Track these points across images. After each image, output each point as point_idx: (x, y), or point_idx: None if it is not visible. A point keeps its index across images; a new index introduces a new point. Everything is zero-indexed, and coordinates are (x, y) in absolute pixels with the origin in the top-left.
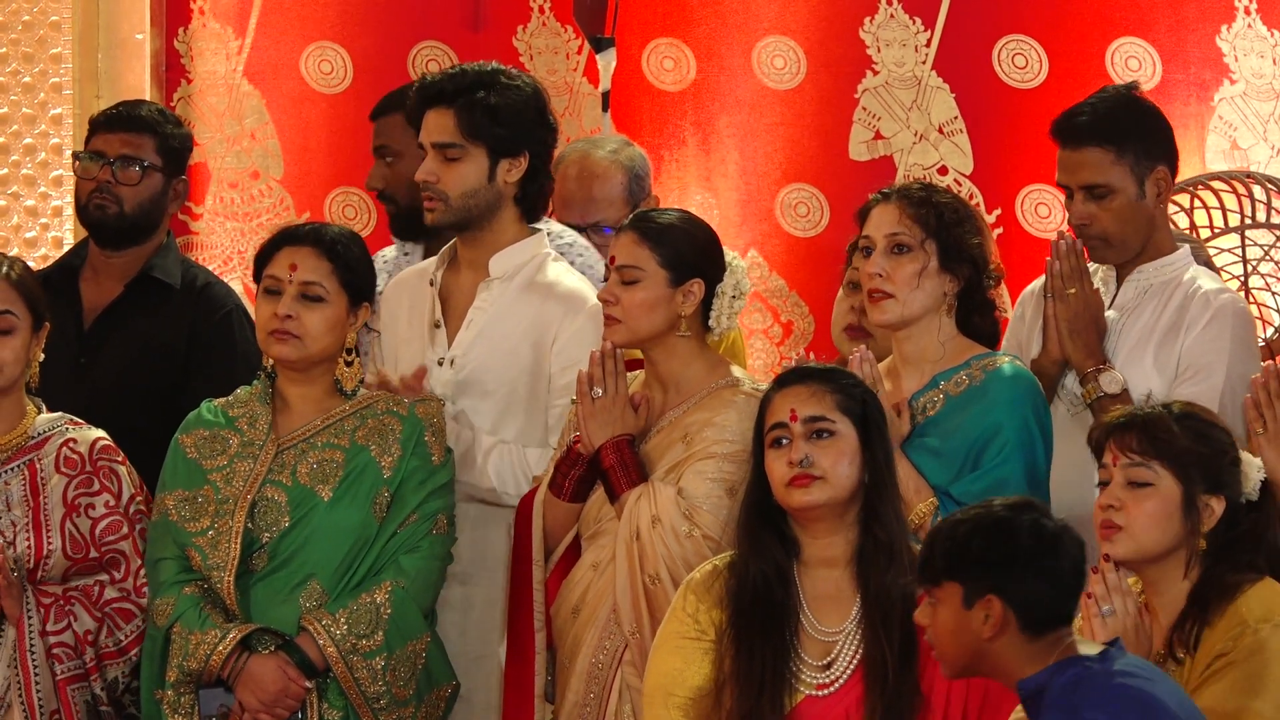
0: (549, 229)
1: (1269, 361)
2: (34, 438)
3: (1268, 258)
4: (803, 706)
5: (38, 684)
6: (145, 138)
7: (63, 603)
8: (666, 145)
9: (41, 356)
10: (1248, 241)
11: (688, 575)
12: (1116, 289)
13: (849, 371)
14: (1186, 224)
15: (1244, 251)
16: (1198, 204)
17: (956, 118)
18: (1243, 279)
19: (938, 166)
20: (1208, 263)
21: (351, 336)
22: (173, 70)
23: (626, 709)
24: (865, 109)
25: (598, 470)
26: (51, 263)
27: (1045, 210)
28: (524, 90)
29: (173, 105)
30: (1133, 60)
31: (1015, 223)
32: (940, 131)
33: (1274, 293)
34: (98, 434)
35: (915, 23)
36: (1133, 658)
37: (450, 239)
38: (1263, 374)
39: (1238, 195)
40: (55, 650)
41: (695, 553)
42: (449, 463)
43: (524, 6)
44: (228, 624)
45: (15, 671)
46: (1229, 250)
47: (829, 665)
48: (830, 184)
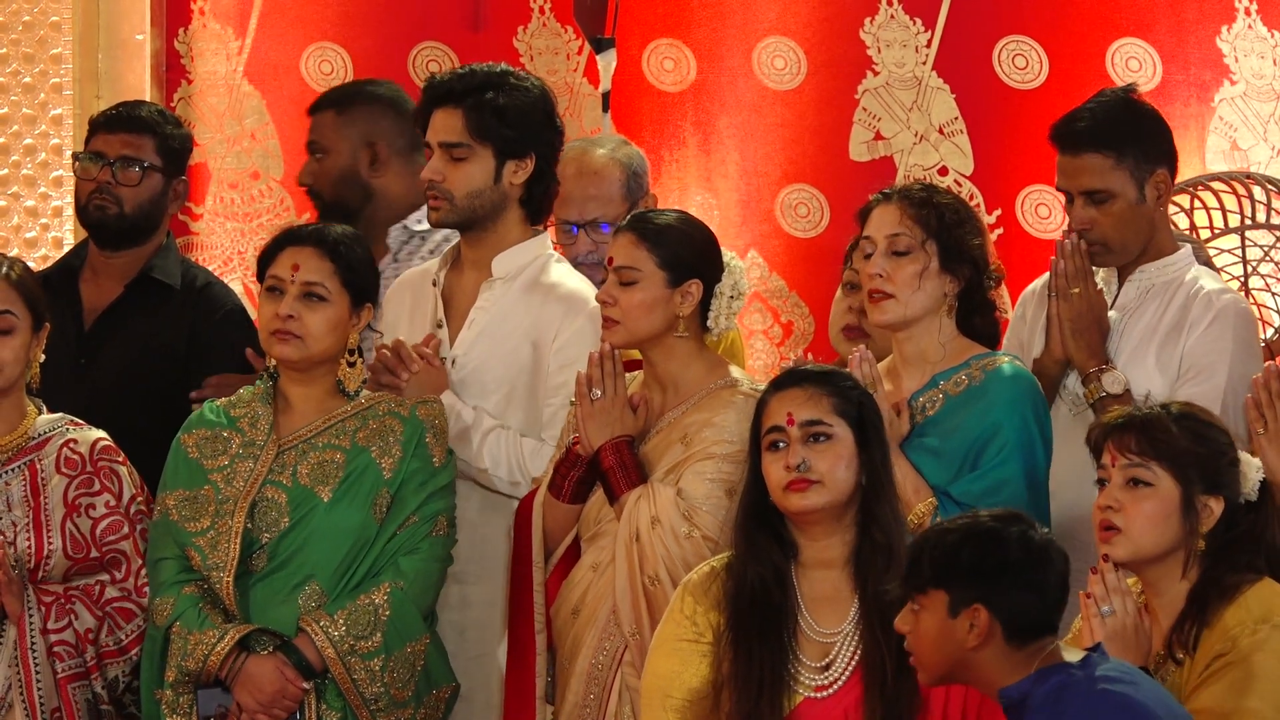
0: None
1: (1269, 361)
2: (35, 438)
3: (1267, 258)
4: (802, 708)
5: (39, 682)
6: (145, 138)
7: (64, 601)
8: (667, 146)
9: (42, 357)
10: (1248, 242)
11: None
12: (1118, 289)
13: (845, 372)
14: (1186, 225)
15: (1244, 252)
16: (1197, 205)
17: (957, 118)
18: (1242, 280)
19: (938, 167)
20: (1208, 263)
21: (354, 337)
22: (173, 71)
23: (626, 710)
24: (865, 110)
25: (597, 471)
26: (51, 264)
27: (1045, 211)
28: (532, 92)
29: (173, 106)
30: (1133, 61)
31: (1015, 223)
32: (940, 132)
33: (1274, 293)
34: (98, 434)
35: (915, 23)
36: (1116, 662)
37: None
38: (1263, 374)
39: (1237, 196)
40: (56, 648)
41: (695, 553)
42: (450, 464)
43: (524, 7)
44: (226, 624)
45: (16, 670)
46: (1229, 251)
47: (827, 667)
48: (830, 185)
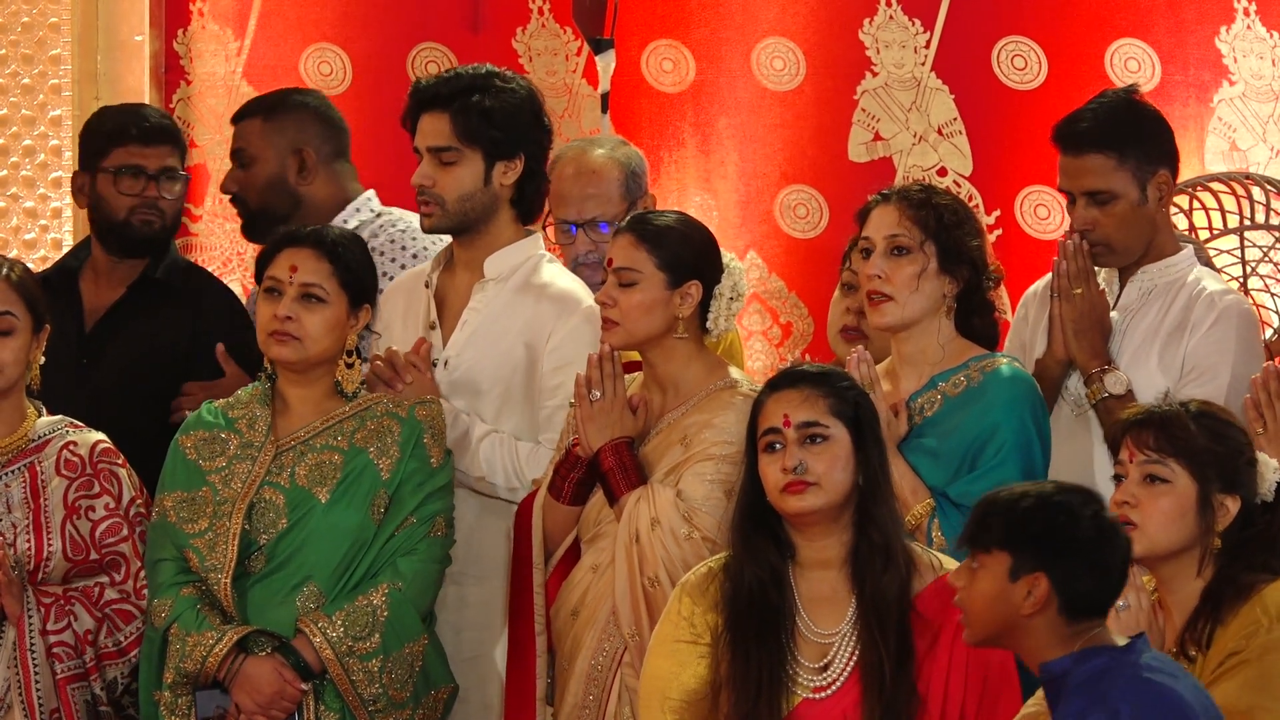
0: (371, 204)
1: (1269, 362)
2: (34, 440)
3: (1266, 259)
4: (800, 709)
5: (38, 683)
6: (177, 148)
7: (63, 602)
8: (666, 147)
9: (42, 359)
10: (1247, 243)
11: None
12: (1120, 290)
13: (842, 372)
14: (1185, 225)
15: (1243, 253)
16: (1197, 205)
17: (956, 119)
18: (1241, 280)
19: (937, 168)
20: (1208, 264)
21: (352, 339)
22: (172, 72)
23: (626, 711)
24: (864, 110)
25: (597, 473)
26: (50, 265)
27: (1044, 212)
28: (519, 92)
29: (172, 107)
30: (1132, 61)
31: (1014, 224)
32: (939, 133)
33: (1273, 294)
34: (98, 437)
35: (914, 24)
36: (1157, 653)
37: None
38: (1262, 374)
39: (1236, 197)
40: (55, 649)
41: (694, 554)
42: (447, 465)
43: (523, 8)
44: (224, 626)
45: (15, 671)
46: (1228, 251)
47: (825, 668)
48: (829, 185)
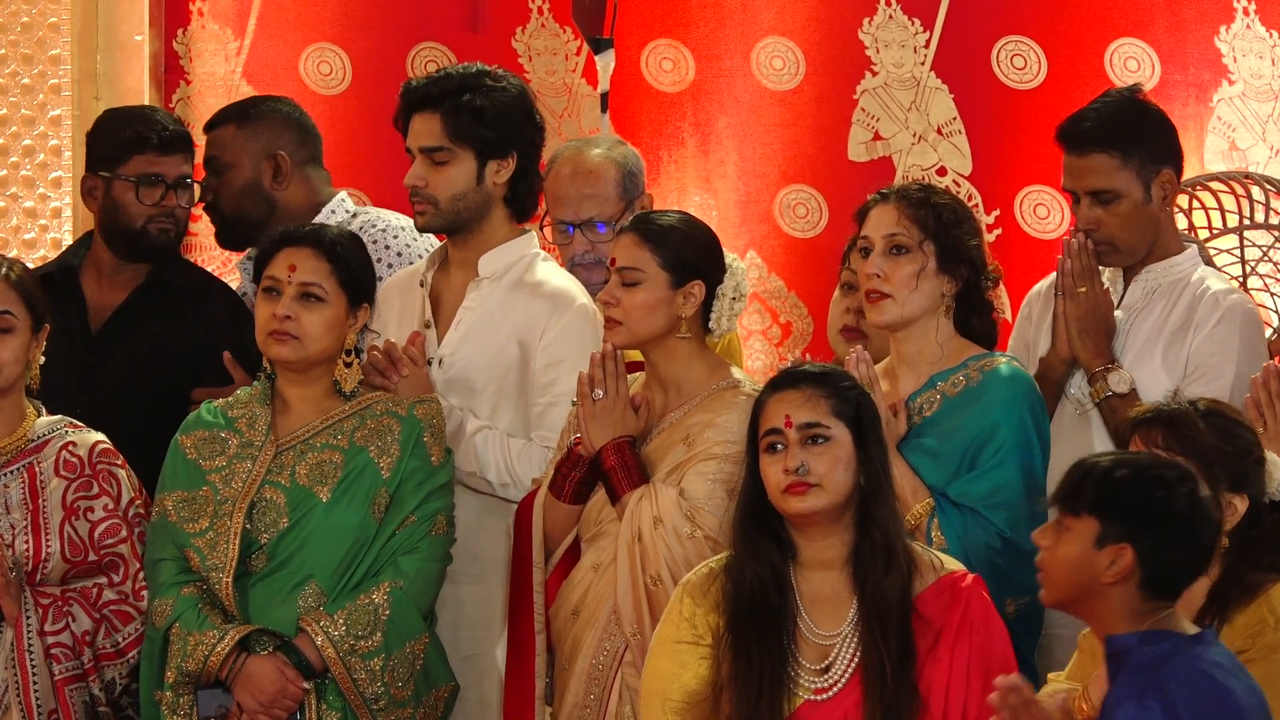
0: (345, 204)
1: (1269, 361)
2: (34, 440)
3: (1266, 258)
4: (802, 711)
5: (36, 684)
6: (190, 156)
7: (61, 603)
8: (665, 146)
9: (42, 359)
10: (1246, 242)
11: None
12: (1124, 289)
13: (843, 373)
14: (1185, 225)
15: (1242, 252)
16: (1196, 205)
17: (955, 119)
18: (1241, 280)
19: (936, 167)
20: (1209, 263)
21: (351, 338)
22: (172, 72)
23: (626, 710)
24: (864, 110)
25: (599, 472)
26: (50, 261)
27: (1044, 211)
28: (510, 91)
29: (172, 107)
30: (1131, 61)
31: (1014, 224)
32: (939, 132)
33: (1273, 294)
34: (97, 437)
35: (914, 23)
36: (1224, 648)
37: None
38: (1263, 373)
39: (1236, 196)
40: (53, 650)
41: (697, 554)
42: (448, 463)
43: (523, 7)
44: (226, 625)
45: (14, 671)
46: (1228, 251)
47: (827, 669)
48: (829, 185)
